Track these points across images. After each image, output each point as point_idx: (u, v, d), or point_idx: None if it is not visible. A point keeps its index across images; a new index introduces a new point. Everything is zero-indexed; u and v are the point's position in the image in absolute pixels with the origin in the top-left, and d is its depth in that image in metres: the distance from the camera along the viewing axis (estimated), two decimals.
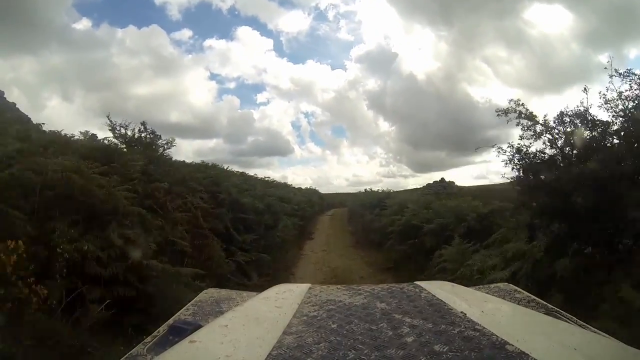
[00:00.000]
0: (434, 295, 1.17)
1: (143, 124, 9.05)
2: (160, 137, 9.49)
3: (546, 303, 1.38)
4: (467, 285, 1.56)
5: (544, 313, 1.18)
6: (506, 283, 1.70)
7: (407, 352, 0.78)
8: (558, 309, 1.28)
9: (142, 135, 8.92)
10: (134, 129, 8.74)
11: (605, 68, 4.68)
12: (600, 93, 4.66)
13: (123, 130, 8.35)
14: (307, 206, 17.88)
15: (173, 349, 0.88)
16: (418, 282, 1.34)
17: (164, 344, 1.03)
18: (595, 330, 1.07)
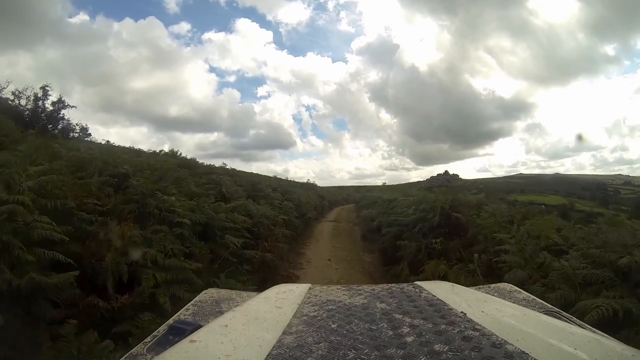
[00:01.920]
0: (434, 295, 1.17)
1: (43, 88, 6.51)
2: (66, 106, 6.57)
3: (546, 303, 1.38)
4: None
5: (544, 313, 1.18)
6: (506, 283, 1.69)
7: (407, 352, 0.78)
8: (558, 309, 1.28)
9: (41, 105, 6.20)
10: (29, 96, 6.20)
11: None
12: None
13: (17, 101, 6.03)
14: (292, 217, 9.10)
15: (173, 348, 0.88)
16: (418, 282, 1.34)
17: (164, 344, 1.03)
18: (595, 330, 1.07)
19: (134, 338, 2.74)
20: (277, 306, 1.11)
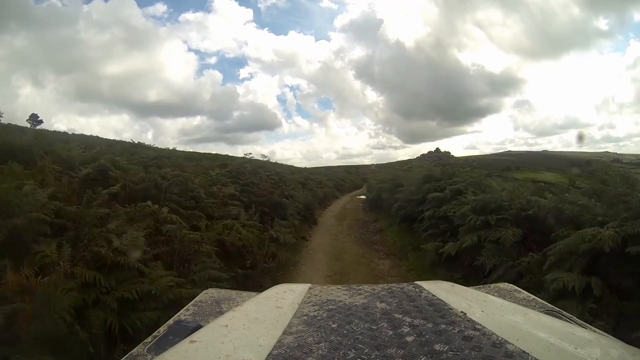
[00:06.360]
0: (434, 295, 1.17)
1: None
2: None
3: (546, 303, 1.39)
4: None
5: (544, 312, 1.18)
6: (506, 283, 1.71)
7: (407, 352, 0.78)
8: (558, 309, 1.28)
9: None
10: None
11: None
12: None
13: None
14: None
15: (173, 349, 0.88)
16: (418, 282, 1.34)
17: (164, 344, 1.03)
18: (596, 329, 1.08)
19: None
20: (277, 306, 1.11)
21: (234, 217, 5.86)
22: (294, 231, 7.81)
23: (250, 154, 14.11)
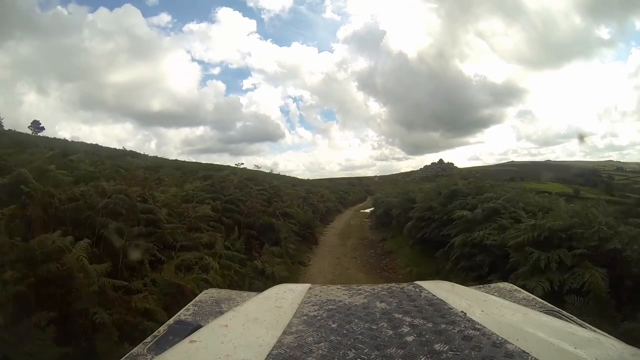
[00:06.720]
0: (434, 295, 1.17)
1: None
2: None
3: (546, 302, 1.38)
4: None
5: (544, 312, 1.18)
6: (506, 282, 1.69)
7: (407, 352, 0.78)
8: (558, 309, 1.28)
9: None
10: None
11: None
12: None
13: None
14: None
15: (173, 348, 0.88)
16: (418, 282, 1.34)
17: (164, 344, 1.03)
18: (595, 329, 1.07)
19: None
20: (277, 306, 1.11)
21: (206, 246, 4.51)
22: (288, 260, 6.49)
23: (242, 163, 11.64)
